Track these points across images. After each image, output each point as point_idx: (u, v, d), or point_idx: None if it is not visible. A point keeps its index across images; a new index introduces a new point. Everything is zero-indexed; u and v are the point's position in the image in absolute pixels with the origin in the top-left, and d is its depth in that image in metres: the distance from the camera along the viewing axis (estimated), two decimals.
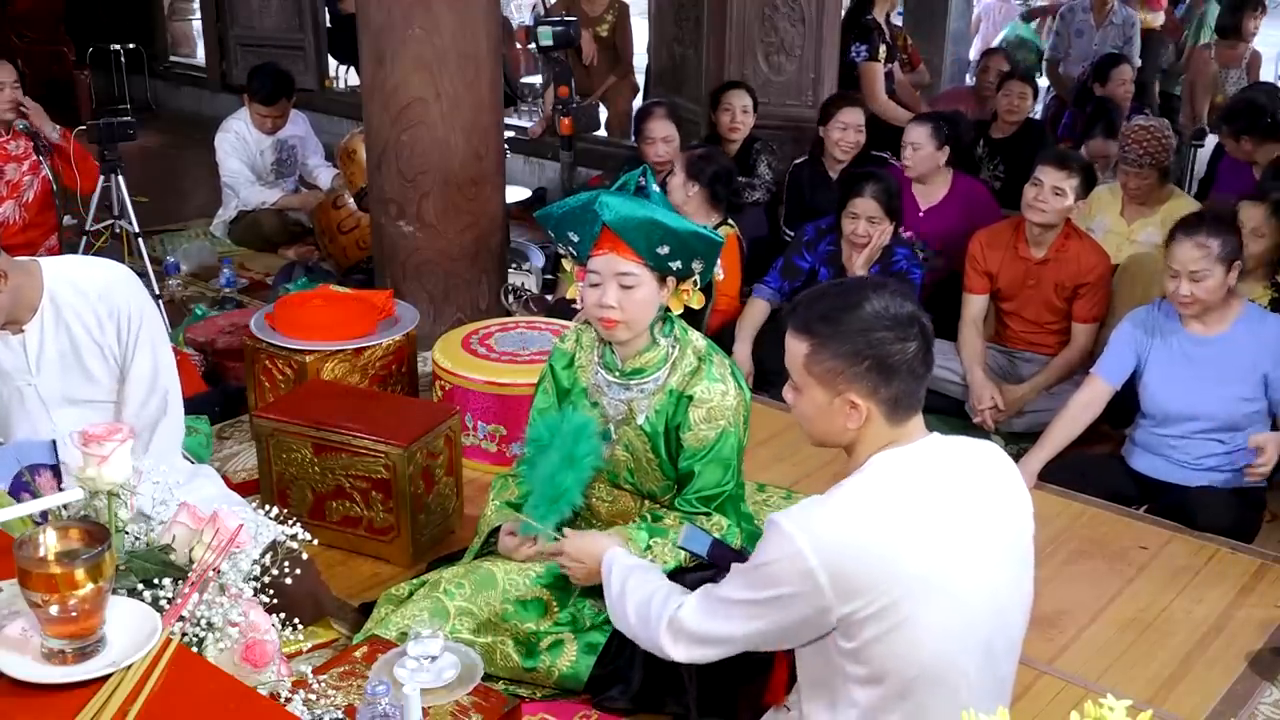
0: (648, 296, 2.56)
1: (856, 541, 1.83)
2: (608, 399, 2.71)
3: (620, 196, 2.53)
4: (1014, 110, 5.76)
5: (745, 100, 5.30)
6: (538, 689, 2.63)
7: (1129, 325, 3.62)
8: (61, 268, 2.79)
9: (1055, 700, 2.70)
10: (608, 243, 2.53)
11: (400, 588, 2.82)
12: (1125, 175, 4.57)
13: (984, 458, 2.01)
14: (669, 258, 2.53)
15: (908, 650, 1.84)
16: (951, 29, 7.92)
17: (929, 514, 1.86)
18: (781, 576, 1.86)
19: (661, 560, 2.55)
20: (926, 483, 1.90)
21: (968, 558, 1.88)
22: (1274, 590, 3.16)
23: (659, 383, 2.64)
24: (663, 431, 2.65)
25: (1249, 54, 6.93)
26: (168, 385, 2.86)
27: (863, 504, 1.87)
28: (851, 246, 4.34)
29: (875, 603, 1.81)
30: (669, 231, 2.50)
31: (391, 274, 4.57)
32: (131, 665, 1.53)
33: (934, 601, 1.83)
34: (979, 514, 1.92)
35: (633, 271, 2.53)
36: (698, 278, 2.60)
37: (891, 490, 1.88)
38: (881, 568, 1.81)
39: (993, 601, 1.91)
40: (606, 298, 2.54)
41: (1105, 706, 1.24)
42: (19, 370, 2.73)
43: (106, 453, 1.75)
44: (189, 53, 9.94)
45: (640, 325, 2.60)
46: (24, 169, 5.09)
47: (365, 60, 4.49)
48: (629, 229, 2.49)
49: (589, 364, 2.76)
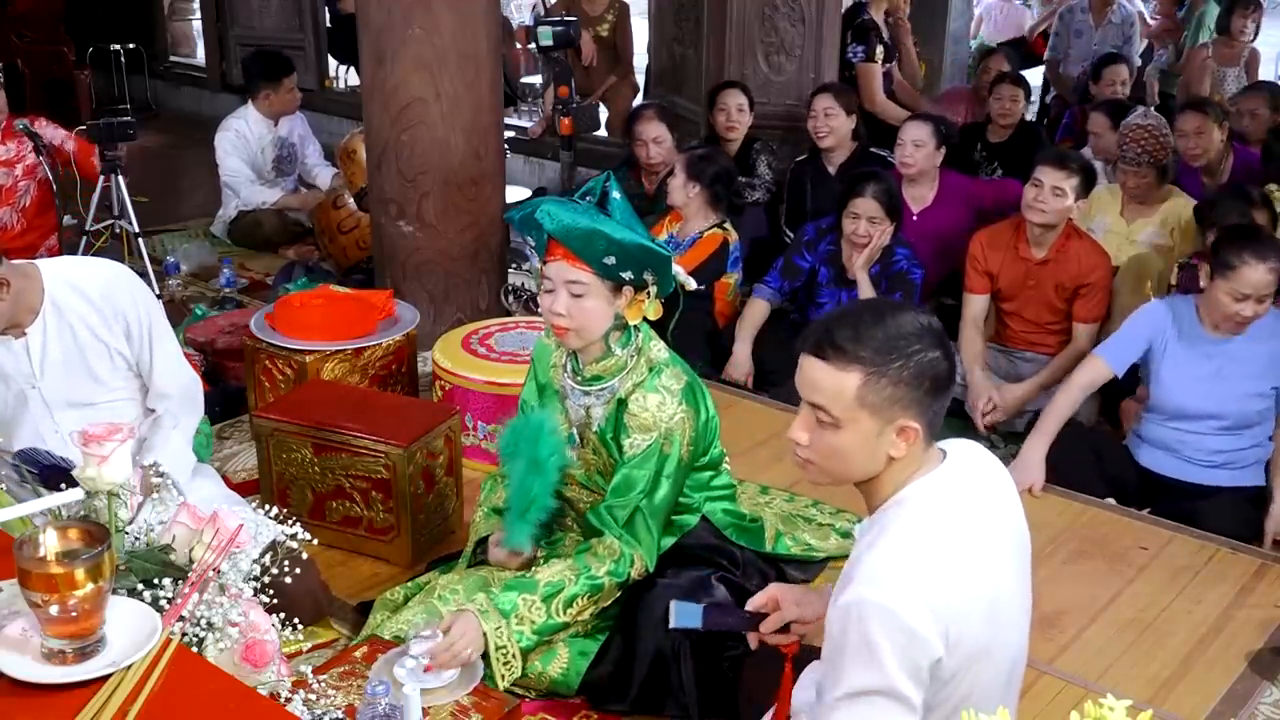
0: (597, 305, 2.55)
1: (945, 595, 1.70)
2: (571, 402, 2.73)
3: (563, 205, 2.52)
4: (1006, 113, 5.76)
5: (740, 99, 5.29)
6: (534, 691, 2.63)
7: (1146, 318, 3.60)
8: (61, 270, 2.79)
9: (1055, 700, 2.69)
10: (557, 250, 2.53)
11: (395, 592, 2.83)
12: (1124, 174, 4.57)
13: (989, 467, 1.93)
14: (617, 267, 2.52)
15: (961, 678, 1.77)
16: (951, 29, 7.92)
17: (980, 543, 1.80)
18: (913, 664, 1.68)
19: (529, 622, 2.50)
20: (969, 511, 1.81)
21: (1007, 577, 1.84)
22: (1274, 590, 3.16)
23: (614, 391, 2.65)
24: (612, 439, 2.66)
25: (1248, 53, 6.93)
26: (189, 367, 3.00)
27: (932, 553, 1.73)
28: (852, 246, 4.34)
29: (956, 647, 1.72)
30: (613, 242, 2.49)
31: (391, 274, 4.57)
32: (131, 665, 1.53)
33: (993, 622, 1.78)
34: (1002, 530, 1.87)
35: (581, 279, 2.52)
36: (653, 289, 2.59)
37: (949, 529, 1.77)
38: (961, 611, 1.72)
39: (1015, 610, 1.89)
40: (556, 304, 2.55)
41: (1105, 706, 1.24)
42: (22, 374, 2.73)
43: (106, 453, 1.75)
44: (189, 53, 9.93)
45: (591, 334, 2.59)
46: (18, 174, 5.07)
47: (365, 60, 4.49)
48: (572, 239, 2.50)
49: (559, 365, 2.78)
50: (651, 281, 2.57)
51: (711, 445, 2.79)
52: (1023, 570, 1.91)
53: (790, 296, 4.60)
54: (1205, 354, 3.49)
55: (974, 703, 1.79)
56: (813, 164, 5.30)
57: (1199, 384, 3.48)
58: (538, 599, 2.51)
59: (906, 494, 1.80)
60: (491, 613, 2.47)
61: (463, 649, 2.42)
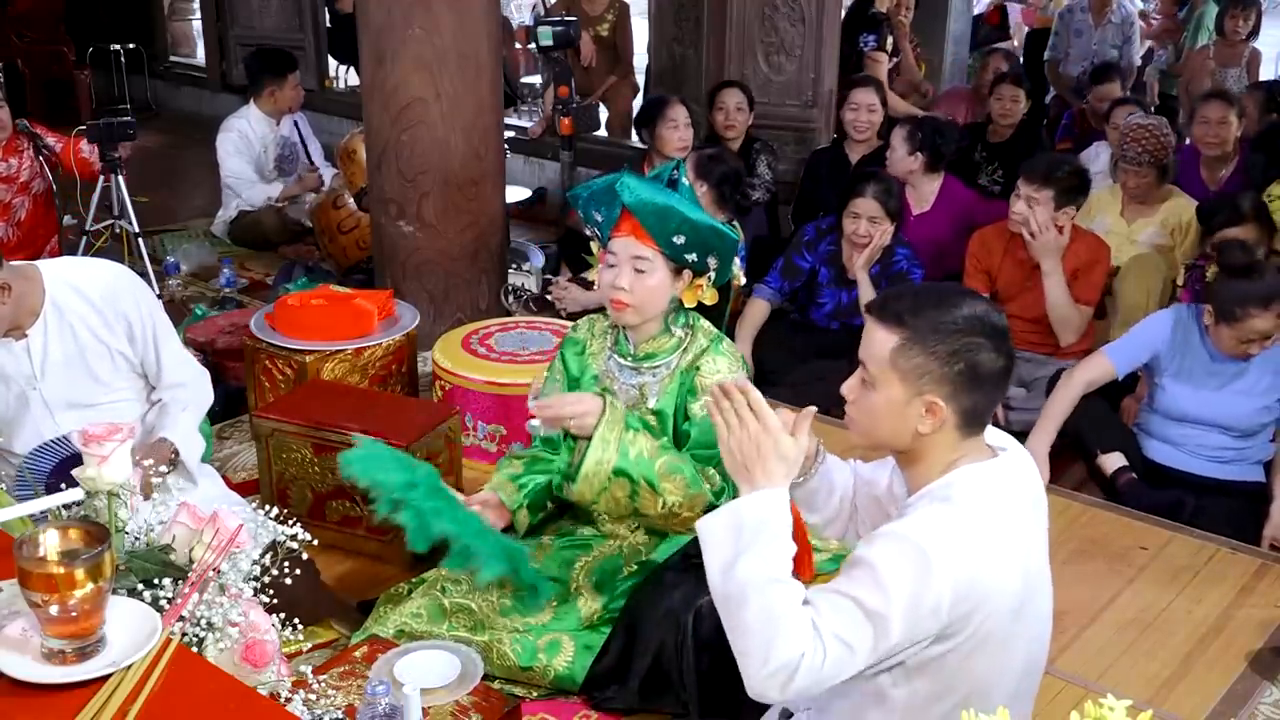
0: (660, 284, 2.58)
1: (976, 570, 1.74)
2: (619, 384, 2.73)
3: (643, 181, 2.56)
4: (1007, 114, 5.75)
5: (739, 98, 5.31)
6: (534, 689, 2.63)
7: (1154, 326, 3.60)
8: (61, 271, 2.79)
9: (1055, 700, 2.69)
10: (626, 225, 2.55)
11: (400, 587, 2.83)
12: (1125, 174, 4.56)
13: (1034, 475, 1.95)
14: (684, 248, 2.55)
15: (976, 670, 1.80)
16: (952, 29, 7.92)
17: (1018, 536, 1.82)
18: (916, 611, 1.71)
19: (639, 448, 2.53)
20: (1012, 503, 1.84)
21: (1034, 574, 1.86)
22: (1274, 590, 3.16)
23: (671, 367, 2.67)
24: (672, 412, 2.67)
25: (1248, 53, 6.92)
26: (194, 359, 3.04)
27: (980, 528, 1.77)
28: (852, 246, 4.34)
29: (968, 628, 1.75)
30: (686, 221, 2.52)
31: (391, 274, 4.57)
32: (131, 665, 1.53)
33: (1010, 621, 1.80)
34: (1037, 535, 1.90)
35: (647, 256, 2.55)
36: (713, 274, 2.61)
37: (993, 513, 1.80)
38: (986, 596, 1.75)
39: (1041, 610, 1.92)
40: (620, 279, 2.57)
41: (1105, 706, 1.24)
42: (23, 375, 2.73)
43: (106, 453, 1.75)
44: (189, 53, 9.93)
45: (649, 311, 2.62)
46: (14, 190, 5.03)
47: (365, 60, 4.49)
48: (647, 213, 2.52)
49: (601, 351, 2.79)
50: (713, 267, 2.60)
51: None
52: (1047, 569, 1.94)
53: (790, 296, 4.60)
54: (1210, 371, 3.49)
55: (982, 695, 1.81)
56: (833, 154, 5.37)
57: (1202, 396, 3.49)
58: (658, 445, 2.56)
59: (954, 478, 1.83)
60: (617, 414, 2.54)
61: (574, 407, 2.53)
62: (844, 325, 4.45)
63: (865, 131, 5.27)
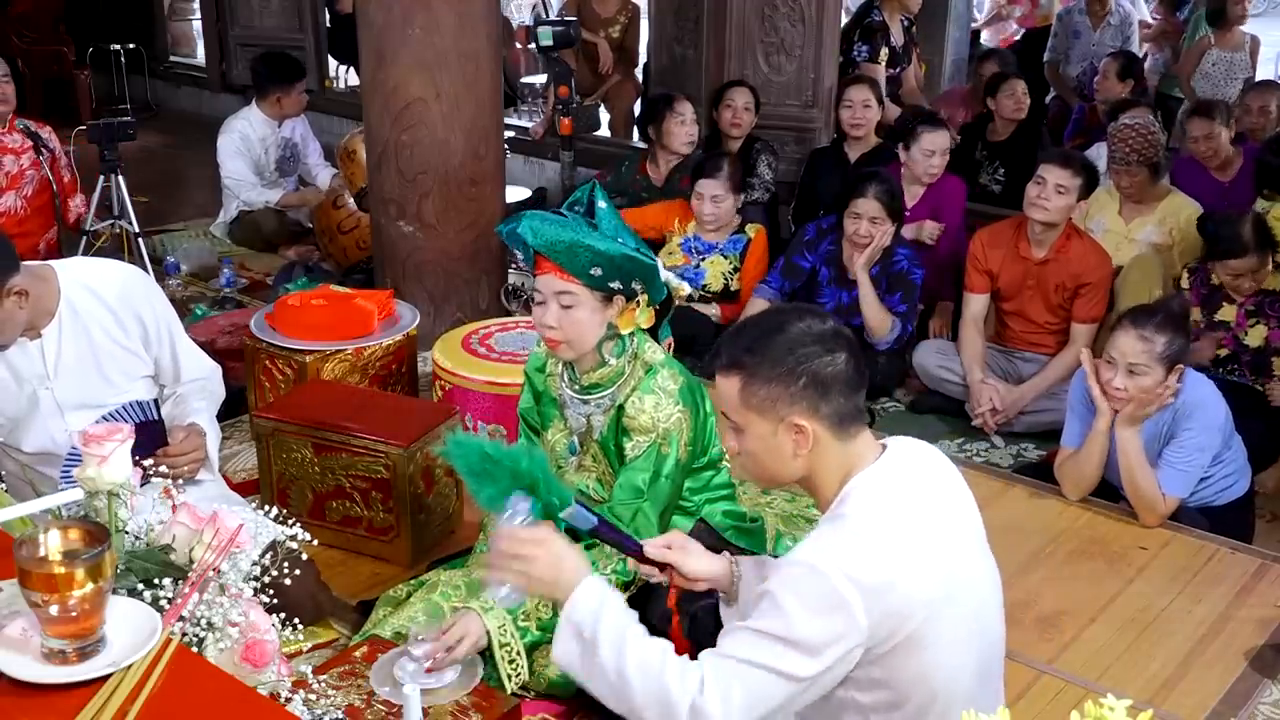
0: (588, 316, 2.56)
1: (885, 574, 1.76)
2: (570, 411, 2.74)
3: (546, 219, 2.52)
4: (1018, 110, 5.73)
5: (746, 97, 5.33)
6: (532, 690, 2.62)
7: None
8: (76, 272, 2.78)
9: (1055, 700, 2.69)
10: (545, 263, 2.54)
11: (399, 589, 2.83)
12: (1116, 174, 4.57)
13: (932, 458, 1.99)
14: (604, 278, 2.53)
15: (929, 672, 1.82)
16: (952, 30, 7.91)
17: (925, 533, 1.85)
18: (820, 617, 1.73)
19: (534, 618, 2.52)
20: (910, 500, 1.87)
21: (959, 565, 1.88)
22: (1274, 590, 3.16)
23: (613, 399, 2.66)
24: (614, 447, 2.67)
25: (1249, 40, 6.88)
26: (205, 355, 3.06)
27: (878, 535, 1.80)
28: (853, 246, 4.35)
29: (903, 631, 1.78)
30: (598, 254, 2.50)
31: (391, 274, 4.57)
32: (131, 665, 1.53)
33: (946, 618, 1.82)
34: (950, 518, 1.92)
35: (570, 290, 2.53)
36: (641, 298, 2.60)
37: (892, 517, 1.83)
38: (907, 597, 1.77)
39: (982, 601, 1.93)
40: (547, 317, 2.56)
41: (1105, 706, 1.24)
42: (36, 375, 2.73)
43: (106, 453, 1.75)
44: (189, 53, 9.92)
45: (583, 344, 2.60)
46: (24, 163, 5.09)
47: (365, 60, 4.49)
48: (555, 252, 2.51)
49: (556, 375, 2.79)
50: (641, 290, 2.58)
51: (710, 444, 2.79)
52: (981, 557, 1.96)
53: (791, 296, 4.60)
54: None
55: (944, 690, 1.83)
56: (833, 153, 5.39)
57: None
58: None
59: (847, 491, 1.88)
60: (495, 610, 2.46)
61: (463, 649, 2.42)
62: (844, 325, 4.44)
63: (862, 128, 5.27)
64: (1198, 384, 3.36)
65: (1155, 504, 3.35)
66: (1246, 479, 3.50)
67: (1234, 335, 3.99)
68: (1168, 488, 3.33)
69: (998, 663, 2.02)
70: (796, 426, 1.87)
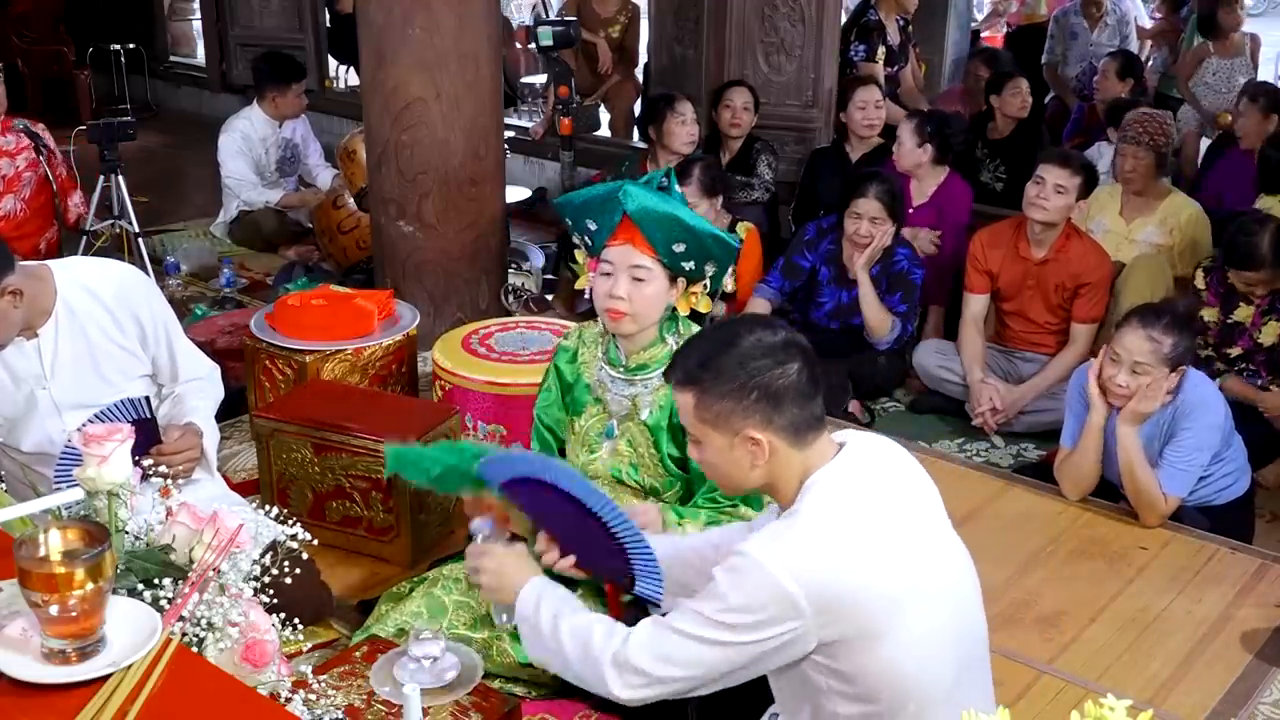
0: (657, 293, 2.57)
1: (831, 566, 1.80)
2: (611, 394, 2.72)
3: (645, 189, 2.54)
4: (1023, 108, 5.73)
5: (746, 97, 5.34)
6: (534, 688, 2.62)
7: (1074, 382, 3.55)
8: (73, 271, 2.78)
9: (1055, 700, 2.69)
10: (625, 233, 2.54)
11: (401, 586, 2.83)
12: (1123, 156, 4.56)
13: (890, 453, 2.00)
14: (683, 256, 2.54)
15: (896, 665, 1.83)
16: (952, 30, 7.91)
17: (882, 526, 1.86)
18: (758, 603, 1.80)
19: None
20: (867, 495, 1.89)
21: (924, 559, 1.89)
22: (1274, 590, 3.16)
23: (662, 379, 2.65)
24: (665, 426, 2.65)
25: (1249, 40, 6.87)
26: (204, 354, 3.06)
27: (826, 529, 1.84)
28: (853, 246, 4.35)
29: (857, 624, 1.80)
30: (688, 229, 2.51)
31: (391, 274, 4.57)
32: (131, 665, 1.53)
33: (911, 611, 1.83)
34: (912, 512, 1.94)
35: (646, 265, 2.54)
36: (708, 281, 2.60)
37: (844, 511, 1.86)
38: (858, 589, 1.80)
39: (954, 594, 1.93)
40: (617, 289, 2.55)
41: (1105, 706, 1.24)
42: (33, 375, 2.72)
43: (106, 453, 1.75)
44: (189, 53, 9.92)
45: (646, 320, 2.61)
46: (19, 165, 5.08)
47: (365, 60, 4.49)
48: (649, 221, 2.51)
49: (592, 360, 2.77)
50: (709, 274, 2.59)
51: None
52: (950, 549, 1.97)
53: (791, 296, 4.60)
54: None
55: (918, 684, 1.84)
56: (833, 152, 5.42)
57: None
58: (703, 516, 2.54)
59: (808, 491, 1.90)
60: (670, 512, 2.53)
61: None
62: (844, 325, 4.46)
63: (875, 128, 5.34)
64: (1198, 383, 3.36)
65: (1155, 503, 3.35)
66: (1246, 478, 3.51)
67: (1249, 334, 3.98)
68: (1168, 487, 3.33)
69: (981, 654, 2.02)
70: (752, 439, 1.89)
